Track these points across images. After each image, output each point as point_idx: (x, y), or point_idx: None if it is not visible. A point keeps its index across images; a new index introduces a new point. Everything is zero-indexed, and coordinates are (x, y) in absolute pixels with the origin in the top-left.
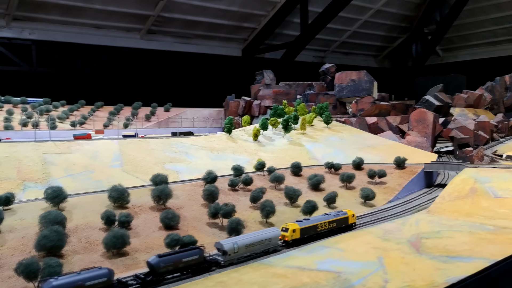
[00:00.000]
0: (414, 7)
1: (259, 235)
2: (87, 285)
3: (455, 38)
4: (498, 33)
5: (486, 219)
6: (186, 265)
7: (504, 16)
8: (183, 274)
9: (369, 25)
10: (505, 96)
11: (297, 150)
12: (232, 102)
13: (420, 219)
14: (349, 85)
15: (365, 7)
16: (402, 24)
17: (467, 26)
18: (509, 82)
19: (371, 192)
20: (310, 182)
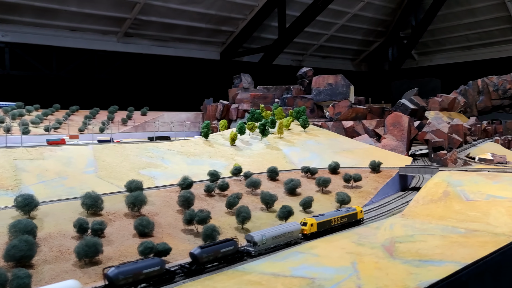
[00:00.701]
0: (390, 12)
1: (283, 228)
2: (143, 272)
3: (430, 42)
4: (471, 38)
5: (458, 222)
6: (223, 255)
7: (477, 22)
8: (220, 263)
9: (346, 29)
10: (477, 99)
11: (274, 154)
12: (210, 105)
13: (394, 223)
14: (326, 89)
15: (342, 11)
16: (378, 28)
17: (441, 31)
18: (482, 86)
19: (347, 196)
20: (286, 187)
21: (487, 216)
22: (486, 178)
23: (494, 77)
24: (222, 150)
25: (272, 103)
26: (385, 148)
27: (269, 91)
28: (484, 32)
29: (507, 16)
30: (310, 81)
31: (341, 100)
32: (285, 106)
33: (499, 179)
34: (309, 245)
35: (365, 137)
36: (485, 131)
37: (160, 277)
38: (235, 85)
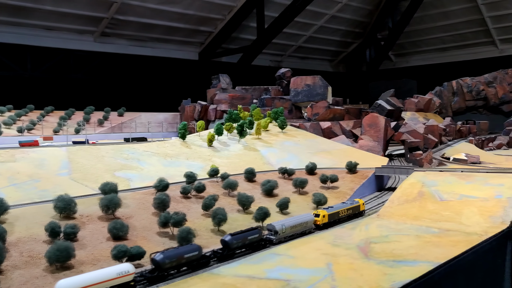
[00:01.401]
0: (368, 13)
1: (299, 219)
2: (185, 257)
3: (406, 44)
4: (446, 40)
5: (432, 222)
6: (250, 242)
7: (451, 24)
8: (247, 250)
9: (325, 30)
10: (452, 100)
11: (252, 155)
12: (188, 106)
13: (370, 223)
14: (304, 89)
15: (320, 12)
16: (356, 29)
17: (417, 33)
18: (456, 87)
19: (323, 197)
20: (263, 188)
21: (460, 215)
22: (459, 178)
23: (468, 79)
24: (199, 151)
25: (250, 103)
26: (362, 148)
27: (248, 91)
28: (458, 34)
29: (480, 19)
30: (288, 82)
31: (319, 101)
32: (263, 107)
33: (471, 179)
34: (285, 246)
35: (342, 138)
36: (459, 131)
37: (198, 261)
38: (213, 85)
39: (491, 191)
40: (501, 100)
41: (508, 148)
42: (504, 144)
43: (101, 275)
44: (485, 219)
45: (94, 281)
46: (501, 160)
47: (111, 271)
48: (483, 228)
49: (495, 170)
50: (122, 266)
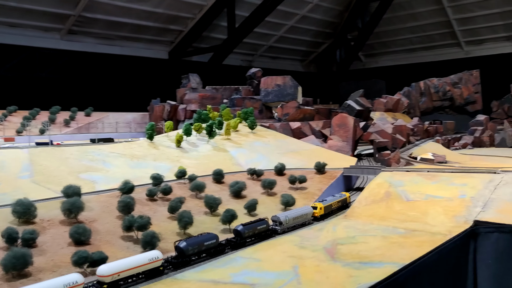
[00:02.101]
0: (338, 14)
1: (300, 211)
2: (205, 244)
3: (376, 44)
4: (414, 41)
5: (399, 222)
6: (259, 231)
7: (419, 26)
8: (256, 239)
9: (295, 30)
10: (420, 100)
11: (221, 156)
12: (157, 106)
13: (337, 224)
14: (274, 89)
15: (291, 12)
16: (326, 30)
17: (386, 34)
18: (424, 88)
19: (291, 198)
20: (231, 190)
21: (426, 215)
22: (425, 178)
23: (435, 79)
24: (167, 152)
25: (220, 103)
26: (331, 148)
27: (218, 91)
28: (426, 35)
29: (446, 21)
30: (259, 81)
31: (289, 101)
32: (234, 106)
33: (437, 179)
34: (251, 249)
35: (311, 138)
36: (427, 131)
37: (215, 249)
38: (183, 85)
39: (455, 191)
40: (466, 100)
41: (473, 148)
42: (469, 144)
43: (135, 261)
44: (450, 218)
45: (130, 266)
46: (466, 160)
47: (144, 257)
48: (448, 227)
49: (459, 170)
50: (153, 252)
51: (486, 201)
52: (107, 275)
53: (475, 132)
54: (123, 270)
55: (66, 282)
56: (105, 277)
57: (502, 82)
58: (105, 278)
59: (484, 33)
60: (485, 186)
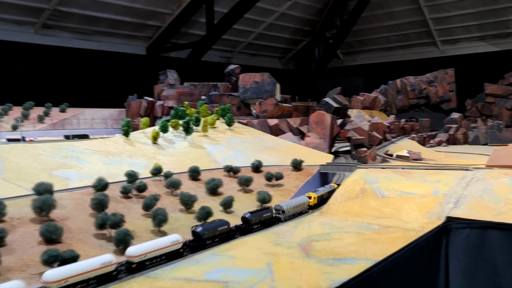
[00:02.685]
0: (317, 12)
1: (298, 200)
2: (218, 229)
3: (354, 42)
4: (392, 40)
5: (373, 218)
6: (264, 219)
7: (396, 24)
8: (262, 225)
9: (274, 28)
10: (396, 98)
11: (198, 153)
12: (133, 102)
13: (312, 221)
14: (252, 86)
15: (270, 9)
16: (305, 27)
17: (364, 32)
18: (400, 86)
19: (267, 195)
20: (207, 187)
21: (400, 212)
22: (400, 175)
23: (411, 78)
24: (143, 149)
25: (198, 100)
26: (308, 146)
27: (196, 88)
28: (403, 34)
29: (423, 20)
30: (237, 78)
31: (268, 98)
32: (212, 103)
33: (411, 176)
34: (226, 246)
35: (289, 135)
36: (403, 128)
37: (227, 234)
38: (160, 81)
39: (429, 188)
40: (441, 98)
41: (448, 145)
42: (443, 141)
43: (159, 243)
44: (423, 215)
45: (156, 248)
46: (441, 157)
47: (167, 240)
48: (421, 224)
49: (433, 167)
50: (174, 236)
51: (458, 198)
52: (135, 255)
53: (450, 130)
54: (149, 251)
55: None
56: (134, 257)
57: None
58: (134, 258)
59: (458, 32)
60: (458, 182)
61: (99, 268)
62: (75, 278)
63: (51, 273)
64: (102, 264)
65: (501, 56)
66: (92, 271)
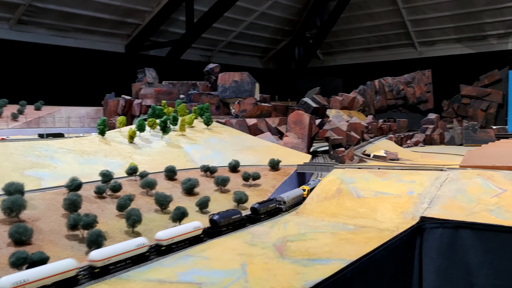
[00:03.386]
0: (297, 12)
1: (295, 192)
2: (232, 218)
3: (334, 43)
4: (371, 40)
5: (349, 218)
6: (270, 209)
7: (376, 25)
8: (269, 215)
9: (255, 27)
10: (375, 99)
11: (175, 153)
12: (111, 100)
13: (288, 221)
14: (232, 85)
15: (250, 8)
16: (285, 27)
17: (344, 32)
18: (378, 86)
19: (244, 195)
20: (183, 187)
21: (375, 212)
22: (375, 175)
23: (389, 78)
24: (119, 148)
25: (177, 99)
26: (287, 145)
27: (175, 86)
28: (383, 35)
29: (401, 22)
30: (216, 77)
31: (247, 98)
32: (190, 102)
33: (387, 176)
34: (201, 247)
35: (267, 135)
36: (381, 129)
37: (240, 222)
38: (139, 79)
39: (403, 188)
40: (418, 99)
41: (424, 145)
42: (420, 142)
43: (184, 228)
44: (398, 215)
45: (181, 232)
46: (417, 157)
47: (189, 226)
48: (395, 224)
49: (408, 167)
50: (195, 223)
51: (432, 198)
52: (164, 239)
53: (427, 130)
54: (176, 236)
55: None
56: (163, 240)
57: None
58: (163, 242)
59: (436, 34)
60: (432, 183)
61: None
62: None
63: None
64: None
65: (476, 58)
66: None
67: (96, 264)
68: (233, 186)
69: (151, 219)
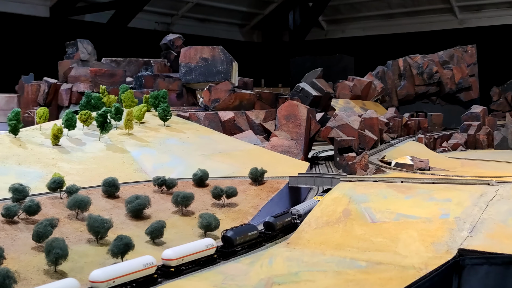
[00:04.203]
0: None
1: (311, 203)
2: (248, 234)
3: (342, 7)
4: (393, 4)
5: (359, 252)
6: (285, 224)
7: None
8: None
9: None
10: (398, 85)
11: (118, 159)
12: (29, 85)
13: (275, 255)
14: (199, 65)
15: None
16: None
17: None
18: (403, 68)
19: (214, 219)
20: (129, 208)
21: (396, 242)
22: (397, 192)
23: (418, 57)
24: (38, 152)
25: (122, 83)
26: (275, 149)
27: (120, 65)
28: None
29: None
30: (178, 53)
31: (220, 82)
32: (141, 88)
33: (412, 193)
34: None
35: (249, 135)
36: (406, 126)
37: (256, 240)
38: (68, 55)
39: (435, 209)
40: (458, 86)
41: (466, 149)
42: (461, 144)
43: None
44: (427, 246)
45: (195, 251)
46: (456, 166)
47: (201, 244)
48: (423, 259)
49: (442, 180)
50: (207, 240)
51: (475, 223)
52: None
53: (469, 129)
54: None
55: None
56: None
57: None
58: (171, 262)
59: None
60: (475, 202)
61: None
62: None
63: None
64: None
65: None
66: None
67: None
68: (199, 207)
69: (82, 253)
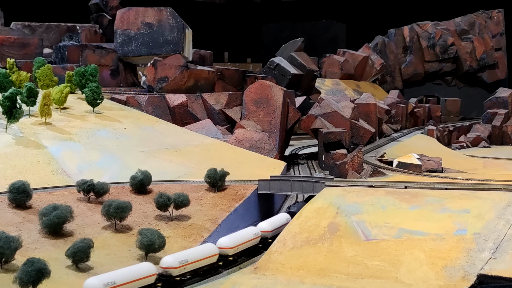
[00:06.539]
0: None
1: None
2: None
3: None
4: None
5: (349, 279)
6: None
7: None
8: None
9: None
10: (403, 61)
11: (30, 157)
12: None
13: (239, 284)
14: (141, 32)
15: None
16: None
17: None
18: (410, 38)
19: (158, 237)
20: (44, 221)
21: (397, 266)
22: (400, 200)
23: (429, 24)
24: None
25: (38, 56)
26: (241, 144)
27: (34, 32)
28: None
29: None
30: (114, 16)
31: (169, 56)
32: (63, 63)
33: (419, 202)
34: None
35: (206, 125)
36: (413, 115)
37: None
38: None
39: (448, 223)
40: (481, 62)
41: (490, 145)
42: (483, 139)
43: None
44: (437, 272)
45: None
46: (477, 166)
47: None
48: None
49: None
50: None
51: (500, 241)
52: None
53: (495, 119)
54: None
55: (255, 231)
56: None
57: None
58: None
59: None
60: (500, 214)
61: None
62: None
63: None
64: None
65: None
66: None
67: (228, 251)
68: (139, 220)
69: None
